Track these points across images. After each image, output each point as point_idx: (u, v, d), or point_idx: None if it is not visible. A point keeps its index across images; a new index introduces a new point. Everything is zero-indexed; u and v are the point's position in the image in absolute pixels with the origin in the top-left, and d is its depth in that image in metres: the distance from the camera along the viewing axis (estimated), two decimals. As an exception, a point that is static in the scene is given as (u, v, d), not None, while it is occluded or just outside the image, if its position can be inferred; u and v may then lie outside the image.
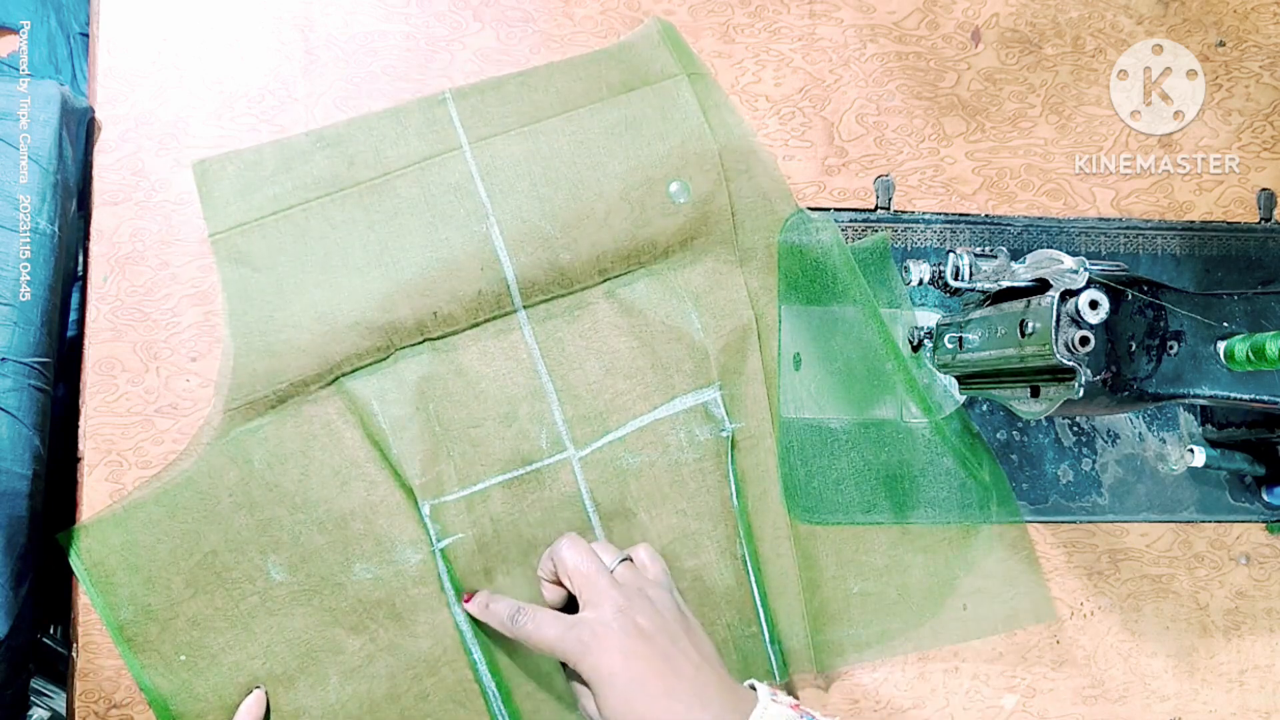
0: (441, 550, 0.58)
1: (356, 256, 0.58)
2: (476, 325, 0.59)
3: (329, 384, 0.58)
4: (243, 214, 0.58)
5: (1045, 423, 0.64)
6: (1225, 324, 0.51)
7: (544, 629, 0.52)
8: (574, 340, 0.60)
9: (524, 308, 0.59)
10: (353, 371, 0.58)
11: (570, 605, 0.55)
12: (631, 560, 0.55)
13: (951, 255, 0.53)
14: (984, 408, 0.64)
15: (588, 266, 0.59)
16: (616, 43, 0.62)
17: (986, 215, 0.65)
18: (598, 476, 0.59)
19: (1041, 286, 0.50)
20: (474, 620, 0.58)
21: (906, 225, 0.64)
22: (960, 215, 0.65)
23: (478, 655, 0.59)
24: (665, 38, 0.62)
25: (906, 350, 0.63)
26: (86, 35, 0.69)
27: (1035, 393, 0.52)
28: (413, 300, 0.57)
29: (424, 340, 0.58)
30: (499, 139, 0.60)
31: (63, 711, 0.69)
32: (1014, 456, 0.64)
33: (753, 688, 0.50)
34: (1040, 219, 0.65)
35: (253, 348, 0.57)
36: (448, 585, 0.58)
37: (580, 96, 0.61)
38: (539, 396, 0.59)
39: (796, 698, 0.61)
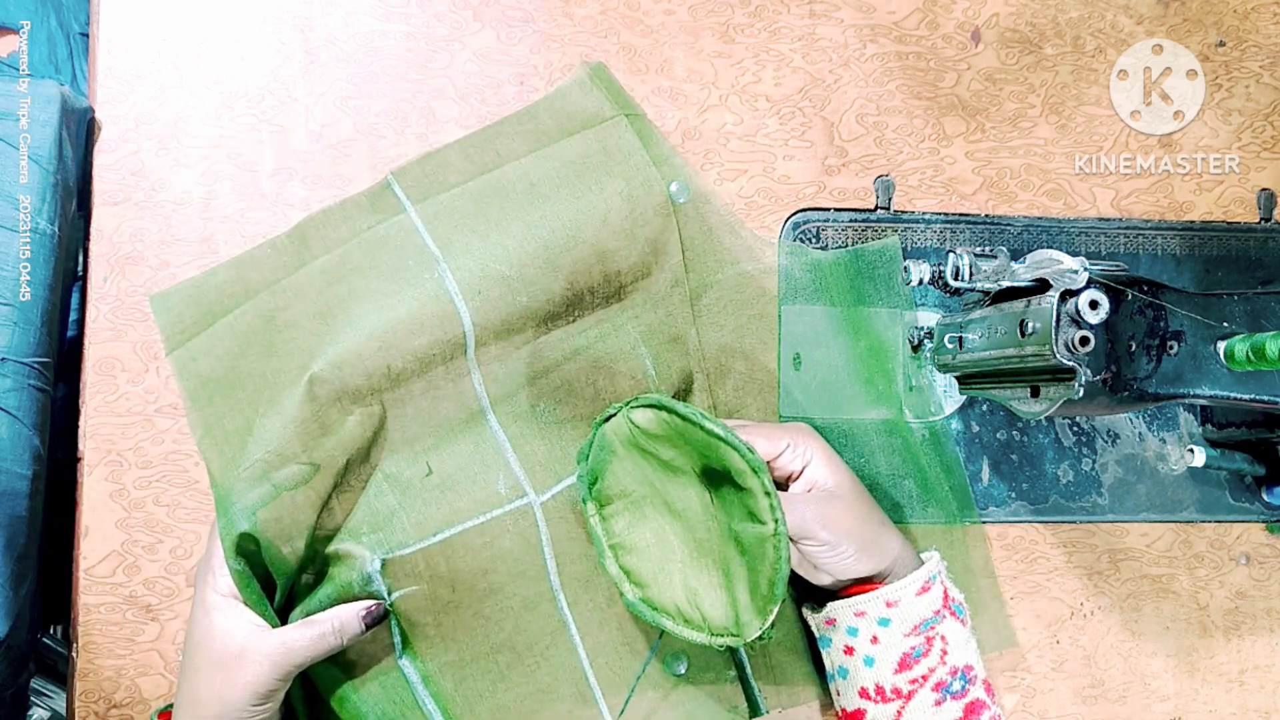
0: (392, 604, 0.56)
1: (305, 328, 0.57)
2: (428, 372, 0.57)
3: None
4: (196, 325, 0.57)
5: (1045, 423, 0.64)
6: (1225, 324, 0.51)
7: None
8: (526, 388, 0.59)
9: (475, 351, 0.57)
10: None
11: None
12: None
13: (951, 255, 0.54)
14: (984, 408, 0.64)
15: (544, 307, 0.57)
16: (549, 93, 0.61)
17: (986, 215, 0.65)
18: (559, 520, 0.58)
19: (1041, 286, 0.50)
20: (426, 674, 0.57)
21: (906, 225, 0.64)
22: (960, 215, 0.65)
23: (431, 707, 0.57)
24: (596, 81, 0.61)
25: (906, 350, 0.63)
26: (86, 35, 0.69)
27: (1035, 393, 0.52)
28: (367, 356, 0.55)
29: (374, 395, 0.56)
30: (443, 194, 0.59)
31: (63, 711, 0.69)
32: (1014, 456, 0.64)
33: None
34: (1040, 219, 0.65)
35: (222, 447, 0.56)
36: (397, 639, 0.57)
37: (521, 150, 0.60)
38: (490, 444, 0.58)
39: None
